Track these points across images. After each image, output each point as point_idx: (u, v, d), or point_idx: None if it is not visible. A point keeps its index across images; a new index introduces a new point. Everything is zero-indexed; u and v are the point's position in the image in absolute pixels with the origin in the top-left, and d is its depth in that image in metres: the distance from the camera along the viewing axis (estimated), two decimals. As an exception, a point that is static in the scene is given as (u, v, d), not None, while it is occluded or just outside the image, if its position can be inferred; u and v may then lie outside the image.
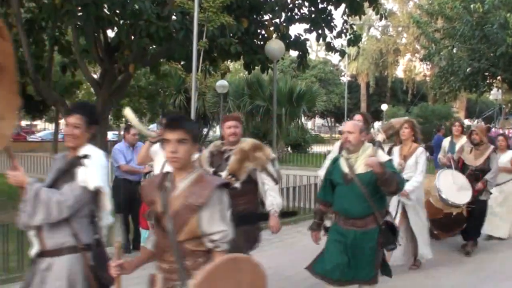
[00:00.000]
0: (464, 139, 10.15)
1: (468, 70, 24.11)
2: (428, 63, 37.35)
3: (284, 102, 29.01)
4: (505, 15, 20.55)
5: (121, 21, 12.85)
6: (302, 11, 15.40)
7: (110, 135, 37.73)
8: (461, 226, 9.20)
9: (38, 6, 13.51)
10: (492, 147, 9.41)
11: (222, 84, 27.24)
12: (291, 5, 15.12)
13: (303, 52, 15.67)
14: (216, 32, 11.89)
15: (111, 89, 14.21)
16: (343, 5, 14.92)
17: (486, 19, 22.07)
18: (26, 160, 22.45)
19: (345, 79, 62.01)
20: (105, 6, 11.97)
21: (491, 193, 9.61)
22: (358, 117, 8.00)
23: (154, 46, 14.38)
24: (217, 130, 42.25)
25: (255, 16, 14.77)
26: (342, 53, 16.48)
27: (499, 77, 25.46)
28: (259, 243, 6.15)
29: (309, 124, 65.38)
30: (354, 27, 16.43)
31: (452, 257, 9.17)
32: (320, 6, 15.09)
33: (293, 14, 15.34)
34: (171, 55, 14.28)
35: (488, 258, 9.27)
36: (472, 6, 21.91)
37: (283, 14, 15.05)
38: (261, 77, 29.74)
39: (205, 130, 36.95)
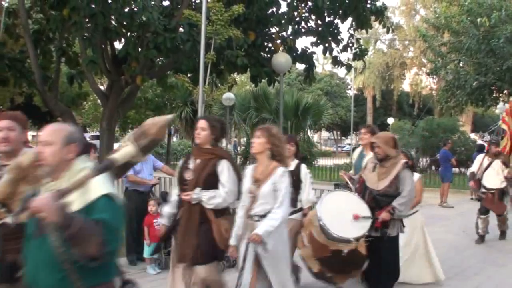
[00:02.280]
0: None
1: (474, 84, 24.10)
2: (434, 77, 37.37)
3: (290, 115, 29.09)
4: (512, 29, 20.59)
5: (129, 33, 12.91)
6: (308, 24, 15.45)
7: (117, 147, 37.85)
8: (360, 268, 6.65)
9: (46, 17, 13.58)
10: (402, 162, 6.62)
11: (228, 96, 27.26)
12: (298, 18, 15.16)
13: (310, 65, 15.69)
14: (223, 44, 11.93)
15: (118, 100, 14.24)
16: (349, 19, 14.95)
17: (492, 33, 22.09)
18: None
19: (351, 92, 61.99)
20: (113, 17, 12.03)
21: (404, 226, 6.80)
22: (202, 123, 5.93)
23: (161, 58, 14.44)
24: (223, 143, 42.13)
25: (262, 29, 14.81)
26: (349, 67, 16.49)
27: (505, 91, 25.45)
28: None
29: (315, 137, 65.41)
30: (360, 41, 16.46)
31: (459, 270, 9.14)
32: (327, 19, 15.13)
33: (300, 27, 15.38)
34: (178, 67, 14.32)
35: (495, 271, 9.27)
36: (478, 20, 21.96)
37: (290, 27, 15.09)
38: (268, 90, 29.85)
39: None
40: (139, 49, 12.71)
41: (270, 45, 15.11)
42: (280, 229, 5.55)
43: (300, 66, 17.61)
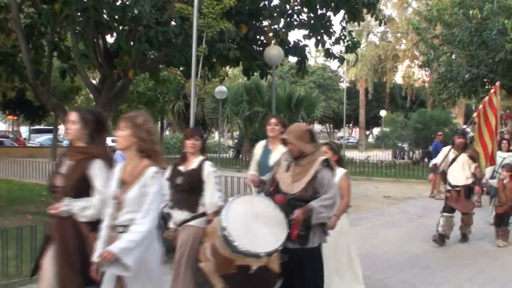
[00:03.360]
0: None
1: (466, 76, 24.12)
2: (427, 69, 37.41)
3: (283, 108, 29.09)
4: (504, 21, 20.59)
5: (120, 27, 12.87)
6: (301, 17, 15.40)
7: (109, 141, 37.81)
8: None
9: (38, 11, 13.53)
10: (321, 159, 5.36)
11: (221, 90, 27.26)
12: (290, 11, 15.12)
13: (302, 58, 15.67)
14: (215, 37, 11.91)
15: (110, 94, 14.21)
16: (342, 11, 14.94)
17: (484, 25, 22.11)
18: (25, 165, 22.41)
19: (344, 85, 62.09)
20: (105, 11, 12.00)
21: (327, 234, 5.53)
22: (72, 116, 4.97)
23: (153, 52, 14.40)
24: (215, 136, 42.09)
25: (254, 22, 14.78)
26: (341, 60, 16.49)
27: (497, 83, 25.48)
28: None
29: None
30: (353, 33, 16.45)
31: (453, 263, 9.19)
32: (319, 12, 15.09)
33: (292, 20, 15.34)
34: (170, 61, 14.30)
35: (488, 264, 9.30)
36: (470, 12, 21.97)
37: (282, 20, 15.05)
38: (260, 83, 29.87)
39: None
40: (131, 43, 12.68)
41: (262, 38, 15.07)
42: (148, 243, 4.50)
43: (293, 59, 17.63)
